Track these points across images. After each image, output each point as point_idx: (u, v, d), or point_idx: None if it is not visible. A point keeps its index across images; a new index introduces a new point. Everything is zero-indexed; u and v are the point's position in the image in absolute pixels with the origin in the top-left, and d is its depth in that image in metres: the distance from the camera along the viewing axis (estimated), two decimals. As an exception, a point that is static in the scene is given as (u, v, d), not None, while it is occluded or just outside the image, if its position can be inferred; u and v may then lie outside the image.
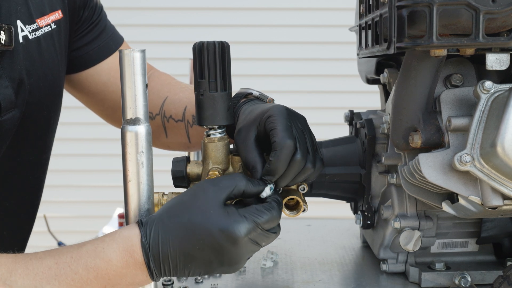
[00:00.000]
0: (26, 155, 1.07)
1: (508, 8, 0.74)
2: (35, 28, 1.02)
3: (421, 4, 0.75)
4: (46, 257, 0.76)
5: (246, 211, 0.78)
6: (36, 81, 1.03)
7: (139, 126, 0.78)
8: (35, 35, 1.02)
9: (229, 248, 0.76)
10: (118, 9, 3.47)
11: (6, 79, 0.96)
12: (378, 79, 1.12)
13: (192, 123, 1.15)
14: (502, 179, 0.80)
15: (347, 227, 1.43)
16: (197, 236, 0.75)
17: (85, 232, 3.29)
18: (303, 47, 3.47)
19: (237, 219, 0.76)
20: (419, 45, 0.76)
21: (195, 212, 0.77)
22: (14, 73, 0.98)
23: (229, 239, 0.76)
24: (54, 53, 1.08)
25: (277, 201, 0.81)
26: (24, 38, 0.99)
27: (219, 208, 0.77)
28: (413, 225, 1.03)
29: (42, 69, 1.04)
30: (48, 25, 1.05)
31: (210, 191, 0.78)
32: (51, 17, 1.06)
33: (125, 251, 0.76)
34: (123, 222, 1.44)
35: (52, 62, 1.08)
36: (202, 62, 0.86)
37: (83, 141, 3.47)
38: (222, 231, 0.75)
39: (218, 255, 0.77)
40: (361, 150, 1.12)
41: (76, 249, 0.77)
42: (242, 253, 0.78)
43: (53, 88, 1.09)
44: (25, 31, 1.00)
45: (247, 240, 0.77)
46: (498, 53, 0.81)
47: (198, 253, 0.76)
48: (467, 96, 0.89)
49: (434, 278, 1.03)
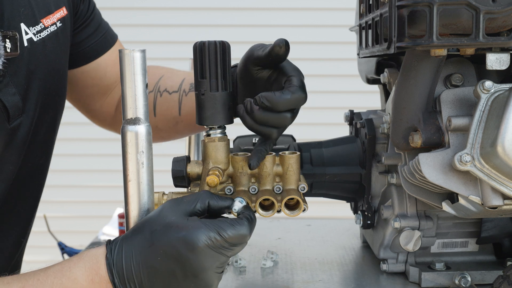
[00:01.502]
0: (31, 159, 1.05)
1: (508, 8, 0.74)
2: (40, 29, 1.00)
3: (421, 3, 0.75)
4: (13, 282, 0.76)
5: (208, 221, 0.77)
6: (43, 84, 1.02)
7: (139, 126, 0.78)
8: (40, 37, 1.00)
9: (188, 256, 0.74)
10: (118, 9, 3.47)
11: (12, 86, 0.94)
12: (378, 79, 1.12)
13: (188, 92, 1.18)
14: (502, 179, 0.80)
15: (347, 227, 1.43)
16: (157, 247, 0.75)
17: (85, 232, 3.30)
18: (303, 47, 3.47)
19: (196, 226, 0.76)
20: (419, 44, 0.76)
21: (157, 225, 0.77)
22: (20, 79, 0.96)
23: (187, 246, 0.74)
24: (59, 52, 1.06)
25: (248, 218, 0.81)
26: (28, 41, 0.97)
27: (181, 219, 0.77)
28: (413, 225, 1.03)
29: (48, 70, 1.03)
30: (54, 24, 1.03)
31: (173, 206, 0.79)
32: (57, 15, 1.04)
33: (90, 269, 0.76)
34: (123, 222, 1.44)
35: (58, 62, 1.06)
36: (203, 62, 0.86)
37: (83, 141, 3.47)
38: (180, 238, 0.74)
39: (179, 264, 0.75)
40: (361, 150, 1.12)
41: (43, 271, 0.77)
42: (204, 262, 0.75)
43: (59, 88, 1.08)
44: (30, 33, 0.98)
45: (206, 248, 0.75)
46: (498, 53, 0.81)
47: (160, 265, 0.75)
48: (467, 96, 0.89)
49: (434, 278, 1.03)
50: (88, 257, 0.77)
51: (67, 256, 1.63)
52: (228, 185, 0.90)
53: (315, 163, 1.11)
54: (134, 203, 0.80)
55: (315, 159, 1.11)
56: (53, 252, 2.05)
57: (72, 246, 1.67)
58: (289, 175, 0.90)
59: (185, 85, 1.19)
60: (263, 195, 0.87)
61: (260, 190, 0.90)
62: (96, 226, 2.16)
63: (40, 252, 3.39)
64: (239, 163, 0.90)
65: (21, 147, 1.00)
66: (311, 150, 1.12)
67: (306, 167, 1.10)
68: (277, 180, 0.91)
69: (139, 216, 0.80)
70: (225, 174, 0.90)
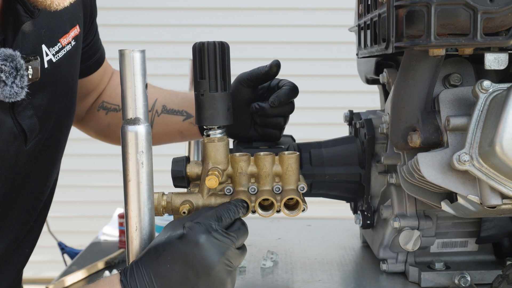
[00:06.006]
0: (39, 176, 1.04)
1: (506, 8, 0.74)
2: (58, 49, 0.99)
3: (419, 4, 0.75)
4: None
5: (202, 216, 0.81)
6: (58, 104, 1.01)
7: (139, 126, 0.78)
8: (58, 57, 0.99)
9: (194, 253, 0.77)
10: (118, 9, 3.47)
11: (31, 109, 0.94)
12: (377, 79, 1.12)
13: (160, 113, 1.24)
14: (500, 178, 0.80)
15: (347, 227, 1.43)
16: (164, 256, 0.77)
17: (85, 232, 3.30)
18: (303, 47, 3.47)
19: (194, 225, 0.79)
20: (417, 44, 0.77)
21: (160, 237, 0.80)
22: (39, 101, 0.95)
23: (190, 243, 0.77)
24: (73, 71, 1.06)
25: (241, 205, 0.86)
26: (48, 62, 0.96)
27: (179, 229, 0.80)
28: (413, 225, 1.03)
29: (63, 90, 1.02)
30: (69, 43, 1.03)
31: (172, 222, 0.84)
32: (71, 33, 1.04)
33: None
34: (123, 222, 1.44)
35: (72, 80, 1.06)
36: (202, 62, 0.87)
37: (83, 141, 3.44)
38: (182, 239, 0.78)
39: (188, 265, 0.77)
40: (360, 150, 1.12)
41: None
42: (211, 256, 0.77)
43: (71, 105, 1.08)
44: (49, 55, 0.97)
45: (209, 239, 0.78)
46: (496, 52, 0.81)
47: (171, 272, 0.77)
48: (465, 96, 0.89)
49: (434, 277, 1.03)
50: (104, 282, 0.79)
51: (67, 256, 1.64)
52: (227, 185, 0.90)
53: (314, 163, 1.11)
54: (134, 203, 0.80)
55: (315, 159, 1.11)
56: (53, 252, 2.06)
57: (72, 246, 1.67)
58: (289, 175, 0.90)
59: (158, 106, 1.25)
60: (263, 195, 0.87)
61: (260, 190, 0.90)
62: (96, 226, 2.17)
63: (40, 252, 3.38)
64: (239, 163, 0.90)
65: (29, 165, 0.98)
66: (310, 150, 1.12)
67: (305, 167, 1.10)
68: (276, 180, 0.91)
69: (138, 216, 0.80)
70: (225, 174, 0.90)
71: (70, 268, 1.30)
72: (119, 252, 1.36)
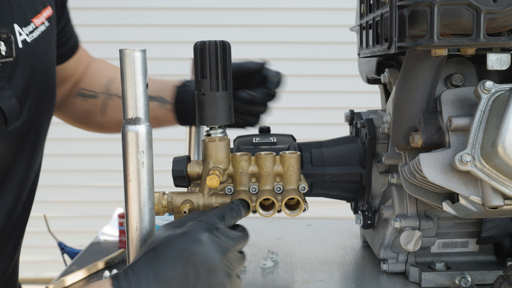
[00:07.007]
0: (23, 159, 1.03)
1: (509, 8, 0.74)
2: (32, 29, 0.99)
3: (422, 3, 0.75)
4: None
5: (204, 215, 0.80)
6: (37, 85, 1.01)
7: (139, 125, 0.78)
8: (33, 37, 0.99)
9: (196, 250, 0.73)
10: (119, 9, 3.47)
11: (9, 90, 0.93)
12: (378, 79, 1.12)
13: None
14: (502, 179, 0.80)
15: (347, 227, 1.43)
16: (163, 255, 0.73)
17: (85, 232, 3.30)
18: (303, 47, 3.47)
19: (195, 223, 0.76)
20: (420, 44, 0.76)
21: (157, 242, 0.76)
22: (17, 82, 0.95)
23: (193, 240, 0.73)
24: (49, 52, 1.06)
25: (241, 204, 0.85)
26: (23, 42, 0.96)
27: (178, 229, 0.77)
28: (414, 225, 1.03)
29: (41, 71, 1.02)
30: (42, 23, 1.03)
31: (165, 225, 0.80)
32: (44, 14, 1.04)
33: None
34: (123, 222, 1.44)
35: (49, 62, 1.06)
36: (203, 62, 0.86)
37: (83, 141, 3.47)
38: (184, 237, 0.74)
39: (189, 263, 0.73)
40: (361, 150, 1.12)
41: None
42: (212, 254, 0.73)
43: (51, 88, 1.08)
44: (23, 34, 0.97)
45: (211, 237, 0.74)
46: (499, 53, 0.81)
47: (170, 272, 0.72)
48: (467, 96, 0.89)
49: (434, 278, 1.03)
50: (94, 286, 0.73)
51: (67, 256, 1.63)
52: (228, 185, 0.90)
53: (315, 163, 1.11)
54: (134, 203, 0.80)
55: (316, 159, 1.11)
56: (53, 252, 2.05)
57: (72, 246, 1.67)
58: (290, 175, 0.90)
59: None
60: (264, 195, 0.87)
61: (261, 190, 0.90)
62: (96, 226, 2.16)
63: (40, 252, 3.40)
64: (240, 163, 0.90)
65: (18, 149, 0.99)
66: (311, 150, 1.12)
67: (306, 167, 1.10)
68: (277, 180, 0.91)
69: (139, 216, 0.80)
70: (226, 173, 0.90)
71: (70, 268, 1.30)
72: (119, 252, 1.36)
